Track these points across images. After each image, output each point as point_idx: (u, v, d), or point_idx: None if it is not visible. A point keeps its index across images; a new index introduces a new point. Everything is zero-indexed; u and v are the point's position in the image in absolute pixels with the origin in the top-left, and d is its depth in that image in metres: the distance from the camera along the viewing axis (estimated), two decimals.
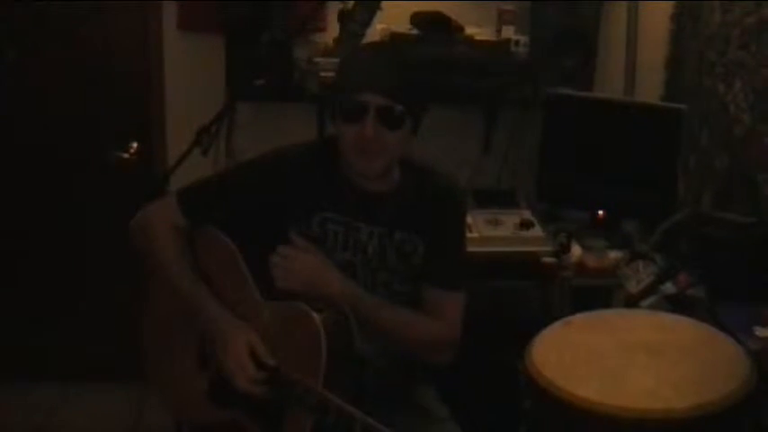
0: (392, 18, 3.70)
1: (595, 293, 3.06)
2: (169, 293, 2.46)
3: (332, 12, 3.79)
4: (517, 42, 3.75)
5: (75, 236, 4.19)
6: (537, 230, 3.40)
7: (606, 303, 2.91)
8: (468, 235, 3.01)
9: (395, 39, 3.65)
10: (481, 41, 3.76)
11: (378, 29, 3.66)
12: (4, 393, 4.18)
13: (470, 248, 2.61)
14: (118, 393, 4.11)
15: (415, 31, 3.72)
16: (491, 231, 3.39)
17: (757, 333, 2.32)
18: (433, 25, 3.71)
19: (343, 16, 3.57)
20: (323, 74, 3.63)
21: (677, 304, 2.64)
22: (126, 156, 3.94)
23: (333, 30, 3.79)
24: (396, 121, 2.26)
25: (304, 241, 2.37)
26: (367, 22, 3.45)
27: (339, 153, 2.35)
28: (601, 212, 3.58)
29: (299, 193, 2.39)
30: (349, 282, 2.35)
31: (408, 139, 2.34)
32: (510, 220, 3.46)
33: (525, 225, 3.42)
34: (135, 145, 3.96)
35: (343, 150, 2.33)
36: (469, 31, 3.76)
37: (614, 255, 3.25)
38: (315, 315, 2.16)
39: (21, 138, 4.09)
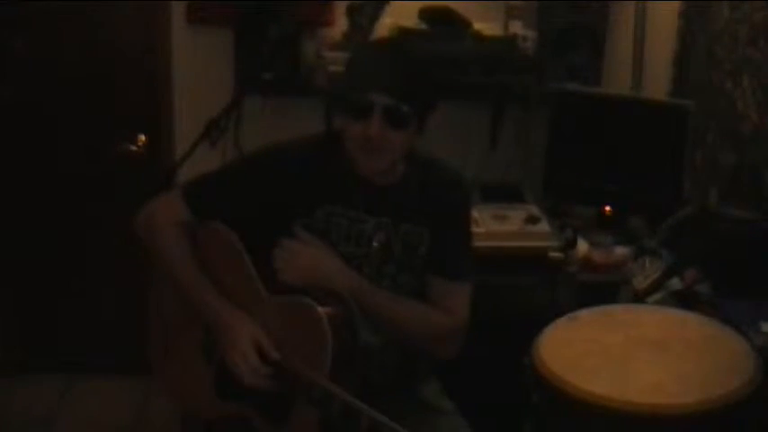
0: (400, 13, 3.71)
1: (602, 289, 3.05)
2: (174, 287, 2.47)
3: (339, 6, 3.81)
4: (525, 38, 3.76)
5: (82, 228, 4.20)
6: (543, 226, 3.40)
7: (612, 299, 2.91)
8: (475, 230, 3.01)
9: (403, 34, 3.66)
10: (489, 37, 3.76)
11: (386, 23, 3.67)
12: (9, 386, 4.20)
13: (477, 243, 2.61)
14: (123, 386, 4.12)
15: (422, 26, 3.72)
16: (498, 226, 3.39)
17: (763, 328, 2.32)
18: (441, 20, 3.72)
19: (352, 11, 3.57)
20: (331, 68, 3.63)
21: (684, 300, 2.64)
22: (134, 148, 3.96)
23: (341, 24, 3.80)
24: (401, 121, 2.26)
25: (308, 234, 2.37)
26: (375, 17, 3.47)
27: (344, 147, 2.36)
28: (607, 208, 3.58)
29: (304, 186, 2.39)
30: (354, 274, 2.35)
31: (413, 137, 2.34)
32: (516, 215, 3.46)
33: (532, 220, 3.41)
34: (143, 137, 3.98)
35: (348, 147, 2.33)
36: (477, 26, 3.77)
37: (621, 250, 3.25)
38: (319, 309, 2.16)
39: (28, 129, 4.10)
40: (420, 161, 2.44)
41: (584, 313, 2.25)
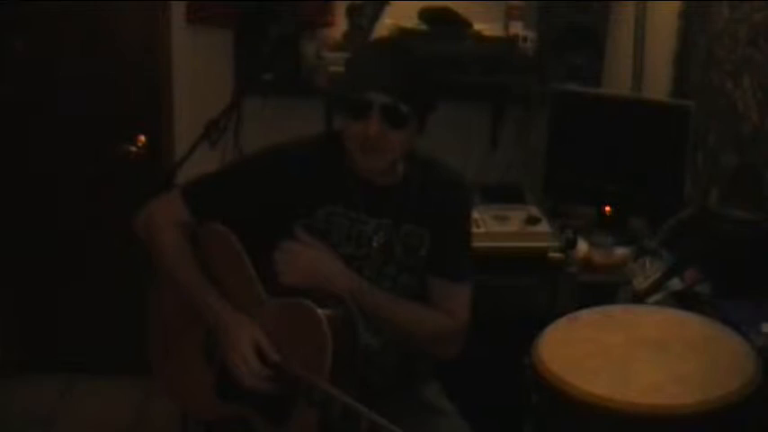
0: (400, 13, 3.70)
1: (602, 289, 3.05)
2: (174, 288, 2.47)
3: (340, 6, 3.80)
4: (525, 38, 3.76)
5: (83, 229, 4.20)
6: (544, 226, 3.40)
7: (612, 299, 2.91)
8: (475, 230, 3.02)
9: (403, 34, 3.65)
10: (489, 37, 3.76)
11: (386, 24, 3.67)
12: (10, 386, 4.20)
13: (477, 244, 2.60)
14: (123, 387, 4.12)
15: (422, 27, 3.72)
16: (498, 227, 3.39)
17: (764, 329, 2.32)
18: (441, 21, 3.72)
19: (352, 11, 3.57)
20: (331, 68, 3.63)
21: (684, 300, 2.64)
22: (134, 149, 3.96)
23: (341, 24, 3.80)
24: (400, 120, 2.26)
25: (308, 236, 2.37)
26: (375, 18, 3.46)
27: (345, 147, 2.35)
28: (608, 208, 3.57)
29: (304, 187, 2.39)
30: (354, 276, 2.35)
31: (413, 137, 2.34)
32: (517, 215, 3.46)
33: (532, 221, 3.41)
34: (143, 138, 3.98)
35: (348, 147, 2.33)
36: (477, 26, 3.77)
37: (621, 251, 3.25)
38: (319, 311, 2.16)
39: (27, 131, 4.10)
40: (420, 162, 2.44)
41: (585, 314, 2.24)
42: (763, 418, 1.93)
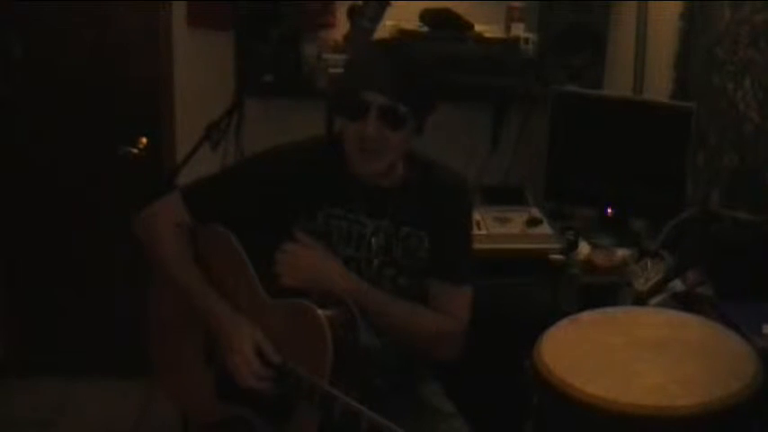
0: (402, 15, 3.69)
1: (603, 291, 3.05)
2: (174, 290, 2.46)
3: (341, 8, 3.80)
4: (526, 40, 3.75)
5: (84, 231, 4.20)
6: (545, 228, 3.40)
7: (614, 301, 2.91)
8: (477, 232, 3.02)
9: (403, 36, 3.65)
10: (490, 39, 3.75)
11: (387, 25, 3.66)
12: (11, 389, 4.20)
13: (478, 245, 2.60)
14: (123, 388, 4.12)
15: (424, 28, 3.72)
16: (499, 228, 3.39)
17: (765, 331, 2.32)
18: (443, 22, 3.71)
19: (353, 13, 3.57)
20: (332, 70, 3.64)
21: (686, 302, 2.64)
22: (135, 151, 3.96)
23: (342, 26, 3.80)
24: (398, 121, 2.26)
25: (308, 237, 2.37)
26: (376, 19, 3.45)
27: (344, 149, 2.35)
28: (609, 210, 3.57)
29: (304, 189, 2.39)
30: (354, 277, 2.35)
31: (411, 138, 2.34)
32: (518, 217, 3.46)
33: (533, 222, 3.41)
34: (144, 140, 3.97)
35: (347, 149, 2.33)
36: (479, 28, 3.76)
37: (622, 252, 3.24)
38: (320, 312, 2.16)
39: (28, 134, 4.10)
40: (420, 163, 2.44)
41: (586, 315, 2.24)
42: (764, 420, 1.93)
